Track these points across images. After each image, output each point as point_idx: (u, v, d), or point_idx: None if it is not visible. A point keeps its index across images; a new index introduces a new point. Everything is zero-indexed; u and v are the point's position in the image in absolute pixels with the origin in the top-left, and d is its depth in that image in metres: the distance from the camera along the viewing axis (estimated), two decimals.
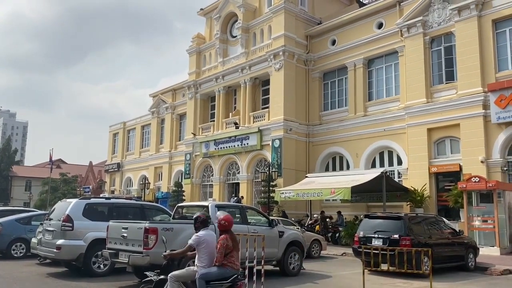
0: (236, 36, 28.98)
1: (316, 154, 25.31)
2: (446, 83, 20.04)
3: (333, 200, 21.14)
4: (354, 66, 24.05)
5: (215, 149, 28.71)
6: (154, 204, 15.72)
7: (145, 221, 9.03)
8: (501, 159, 17.73)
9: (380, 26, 23.23)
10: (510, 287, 10.33)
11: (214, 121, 30.06)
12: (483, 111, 18.14)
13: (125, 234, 8.61)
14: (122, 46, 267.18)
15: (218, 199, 27.58)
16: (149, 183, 34.53)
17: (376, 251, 10.30)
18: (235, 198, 25.81)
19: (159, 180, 36.92)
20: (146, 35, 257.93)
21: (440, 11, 20.28)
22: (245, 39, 28.02)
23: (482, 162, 17.81)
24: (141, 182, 34.84)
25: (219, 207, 10.31)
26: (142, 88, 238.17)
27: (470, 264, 12.42)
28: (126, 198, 16.50)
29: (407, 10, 21.46)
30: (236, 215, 10.59)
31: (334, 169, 24.82)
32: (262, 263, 8.30)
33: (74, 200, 10.88)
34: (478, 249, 13.33)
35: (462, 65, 19.12)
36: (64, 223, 10.08)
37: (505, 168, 17.80)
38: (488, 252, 14.89)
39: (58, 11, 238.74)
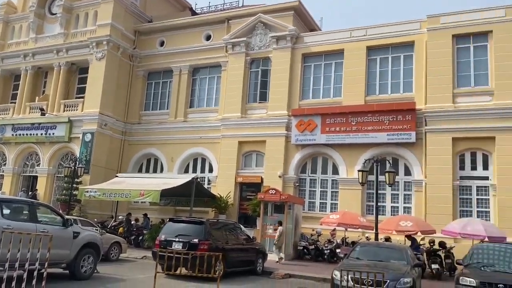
0: (55, 14, 26.08)
1: (130, 154, 24.48)
2: (259, 102, 21.95)
3: (142, 202, 20.65)
4: (180, 72, 24.28)
5: (13, 135, 25.06)
6: None
7: None
8: (295, 176, 20.24)
9: (208, 38, 24.09)
10: None
11: (15, 103, 26.25)
12: (286, 132, 20.49)
13: None
14: None
15: (8, 192, 24.01)
16: None
17: (176, 255, 10.37)
18: (30, 193, 22.95)
19: None
20: None
21: (262, 36, 22.19)
22: (65, 19, 25.44)
23: (279, 176, 20.02)
24: None
25: (4, 202, 8.95)
26: None
27: (258, 269, 13.62)
28: None
29: (234, 28, 22.84)
30: (24, 212, 9.34)
31: (147, 171, 24.38)
32: (46, 265, 7.48)
33: None
34: (267, 254, 14.78)
35: (274, 88, 21.30)
36: None
37: (297, 184, 20.36)
38: (275, 258, 16.62)
39: None
